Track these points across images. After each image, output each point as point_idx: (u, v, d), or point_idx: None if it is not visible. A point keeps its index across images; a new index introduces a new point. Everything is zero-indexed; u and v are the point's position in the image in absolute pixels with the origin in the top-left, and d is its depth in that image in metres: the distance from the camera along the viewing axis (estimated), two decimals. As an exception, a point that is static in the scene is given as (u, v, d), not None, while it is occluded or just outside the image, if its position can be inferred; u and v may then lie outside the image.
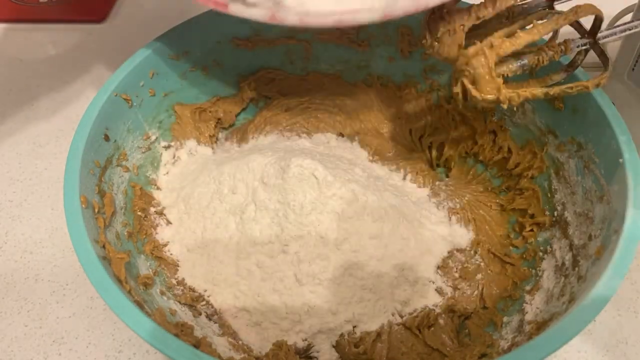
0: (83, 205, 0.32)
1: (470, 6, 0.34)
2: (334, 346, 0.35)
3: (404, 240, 0.37)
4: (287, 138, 0.47)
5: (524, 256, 0.39)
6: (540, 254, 0.38)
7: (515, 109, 0.42)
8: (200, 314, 0.36)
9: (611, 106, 0.35)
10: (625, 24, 0.34)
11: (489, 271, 0.39)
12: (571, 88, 0.34)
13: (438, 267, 0.38)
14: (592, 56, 0.35)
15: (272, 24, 0.32)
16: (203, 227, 0.38)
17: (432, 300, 0.37)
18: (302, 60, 0.49)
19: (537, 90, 0.33)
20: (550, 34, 0.34)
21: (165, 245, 0.39)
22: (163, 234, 0.40)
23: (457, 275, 0.38)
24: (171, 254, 0.39)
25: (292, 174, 0.37)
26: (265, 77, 0.49)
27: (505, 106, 0.33)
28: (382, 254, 0.36)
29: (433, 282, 0.37)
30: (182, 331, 0.33)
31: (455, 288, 0.38)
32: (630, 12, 0.47)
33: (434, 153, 0.47)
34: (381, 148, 0.47)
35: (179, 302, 0.36)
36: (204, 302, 0.36)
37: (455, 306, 0.37)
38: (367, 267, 0.35)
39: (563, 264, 0.35)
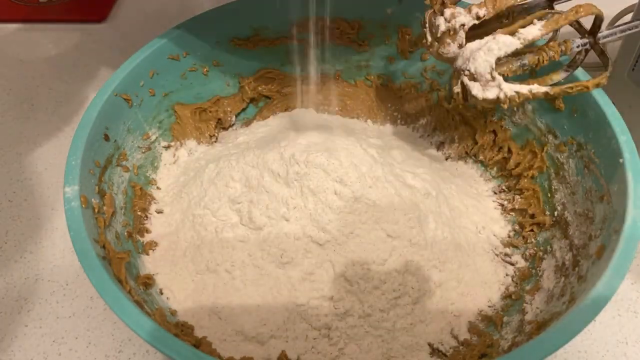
0: (83, 205, 0.32)
1: (471, 6, 0.34)
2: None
3: (408, 239, 0.37)
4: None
5: (524, 256, 0.39)
6: (540, 254, 0.38)
7: (515, 109, 0.42)
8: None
9: (611, 106, 0.35)
10: (625, 24, 0.34)
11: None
12: (571, 88, 0.34)
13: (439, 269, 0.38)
14: (592, 56, 0.35)
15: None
16: (204, 227, 0.38)
17: (434, 303, 0.37)
18: (302, 60, 0.49)
19: (538, 90, 0.33)
20: (550, 34, 0.34)
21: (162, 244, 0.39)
22: (163, 233, 0.40)
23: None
24: (172, 254, 0.39)
25: (295, 169, 0.37)
26: (265, 77, 0.49)
27: (505, 106, 0.33)
28: (389, 253, 0.36)
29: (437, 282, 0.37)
30: (182, 331, 0.33)
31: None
32: (630, 12, 0.47)
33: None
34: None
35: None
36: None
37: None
38: (371, 269, 0.35)
39: (563, 264, 0.35)
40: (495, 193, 0.43)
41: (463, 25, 0.33)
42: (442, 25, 0.33)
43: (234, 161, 0.40)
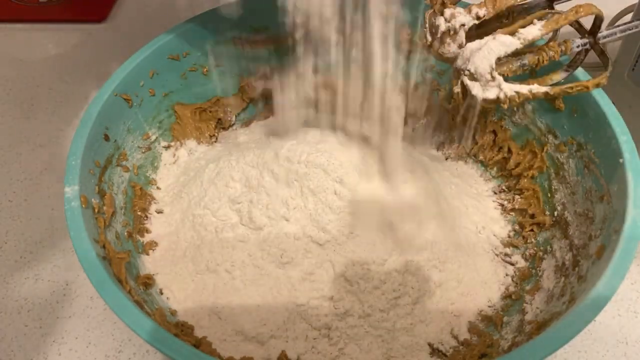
0: (83, 205, 0.32)
1: (471, 6, 0.34)
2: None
3: (408, 240, 0.37)
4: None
5: (524, 256, 0.39)
6: (540, 254, 0.38)
7: (515, 109, 0.42)
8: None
9: (611, 106, 0.35)
10: (625, 24, 0.34)
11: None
12: (571, 88, 0.34)
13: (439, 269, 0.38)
14: (592, 56, 0.35)
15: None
16: (204, 227, 0.38)
17: (434, 303, 0.37)
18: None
19: (538, 90, 0.33)
20: (550, 34, 0.34)
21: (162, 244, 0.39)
22: (163, 233, 0.40)
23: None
24: (172, 254, 0.39)
25: (295, 169, 0.37)
26: (265, 77, 0.49)
27: (505, 106, 0.33)
28: (389, 253, 0.36)
29: (437, 283, 0.37)
30: (182, 331, 0.33)
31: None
32: (630, 12, 0.47)
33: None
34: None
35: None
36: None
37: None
38: (371, 269, 0.35)
39: (563, 264, 0.35)
40: (495, 193, 0.43)
41: (463, 25, 0.33)
42: (442, 25, 0.33)
43: (234, 161, 0.40)
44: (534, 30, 0.32)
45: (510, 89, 0.33)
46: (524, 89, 0.33)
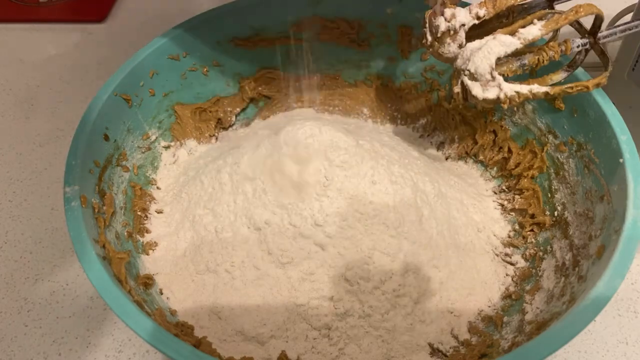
0: (83, 205, 0.32)
1: (471, 6, 0.34)
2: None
3: (410, 238, 0.37)
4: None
5: (524, 256, 0.39)
6: (541, 254, 0.38)
7: (515, 109, 0.42)
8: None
9: (611, 106, 0.35)
10: (625, 24, 0.34)
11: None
12: (571, 88, 0.34)
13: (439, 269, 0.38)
14: (592, 56, 0.35)
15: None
16: (204, 227, 0.38)
17: (434, 303, 0.37)
18: (302, 60, 0.49)
19: (538, 90, 0.33)
20: (550, 34, 0.34)
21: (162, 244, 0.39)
22: (163, 233, 0.40)
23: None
24: (172, 254, 0.39)
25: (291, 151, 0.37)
26: (265, 77, 0.49)
27: (505, 106, 0.33)
28: (389, 253, 0.36)
29: (437, 283, 0.37)
30: (182, 331, 0.33)
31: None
32: (630, 12, 0.47)
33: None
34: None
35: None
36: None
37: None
38: (371, 269, 0.35)
39: (563, 264, 0.35)
40: (495, 193, 0.43)
41: (463, 25, 0.33)
42: (442, 25, 0.33)
43: (233, 161, 0.40)
44: (534, 30, 0.32)
45: (511, 88, 0.33)
46: (524, 88, 0.33)
